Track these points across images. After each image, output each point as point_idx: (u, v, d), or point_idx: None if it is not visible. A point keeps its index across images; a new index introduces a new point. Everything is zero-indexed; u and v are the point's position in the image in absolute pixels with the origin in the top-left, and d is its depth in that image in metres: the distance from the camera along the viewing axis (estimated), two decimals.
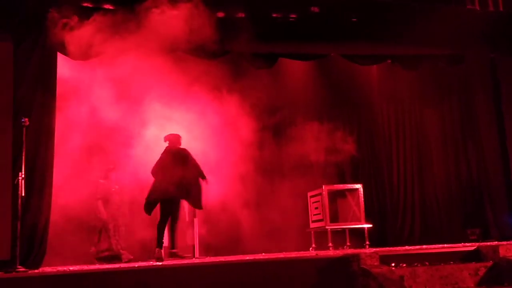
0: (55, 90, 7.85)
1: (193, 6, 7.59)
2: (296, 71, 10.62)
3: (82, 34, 7.49)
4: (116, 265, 6.36)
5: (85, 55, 7.83)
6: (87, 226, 8.42)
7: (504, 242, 6.79)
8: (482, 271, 5.66)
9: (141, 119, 8.65)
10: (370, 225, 8.73)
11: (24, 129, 6.35)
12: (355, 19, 9.25)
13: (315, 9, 8.97)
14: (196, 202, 7.65)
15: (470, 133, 10.58)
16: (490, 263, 5.74)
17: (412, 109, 11.25)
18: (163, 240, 7.46)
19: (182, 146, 7.86)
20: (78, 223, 8.27)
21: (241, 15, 8.75)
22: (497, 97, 10.33)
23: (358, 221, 8.71)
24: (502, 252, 5.82)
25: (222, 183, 8.65)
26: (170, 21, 7.71)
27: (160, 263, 6.31)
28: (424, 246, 7.34)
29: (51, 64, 7.91)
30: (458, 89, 10.91)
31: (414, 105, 11.25)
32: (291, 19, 9.09)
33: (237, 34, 8.22)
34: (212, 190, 8.16)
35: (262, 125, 9.48)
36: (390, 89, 11.18)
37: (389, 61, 10.39)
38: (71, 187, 7.96)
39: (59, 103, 7.84)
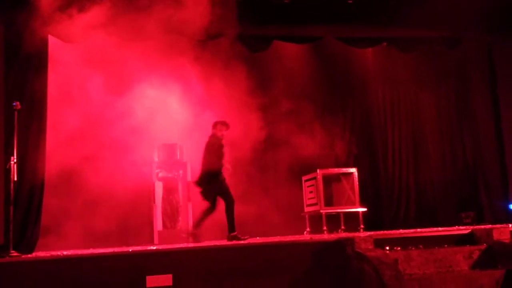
0: (47, 72, 7.78)
1: None
2: (290, 54, 10.51)
3: (74, 17, 7.40)
4: (110, 249, 6.33)
5: (77, 38, 7.75)
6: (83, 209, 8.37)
7: (498, 226, 6.83)
8: (476, 254, 5.69)
9: (133, 99, 8.60)
10: (365, 209, 8.72)
11: (16, 113, 6.24)
12: (350, 1, 9.14)
13: None
14: None
15: (466, 116, 10.57)
16: (484, 246, 5.77)
17: (407, 92, 11.18)
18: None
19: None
20: (71, 206, 8.24)
21: None
22: (493, 81, 10.30)
23: (353, 205, 8.70)
24: (495, 235, 5.84)
25: None
26: (163, 4, 7.62)
27: (155, 248, 6.30)
28: (419, 230, 7.36)
29: (43, 47, 7.82)
30: (454, 72, 10.87)
31: (410, 88, 11.19)
32: (286, 1, 8.98)
33: (232, 16, 8.12)
34: None
35: (256, 108, 9.40)
36: (386, 72, 11.08)
37: (385, 43, 10.30)
38: (64, 169, 7.91)
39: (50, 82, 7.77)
